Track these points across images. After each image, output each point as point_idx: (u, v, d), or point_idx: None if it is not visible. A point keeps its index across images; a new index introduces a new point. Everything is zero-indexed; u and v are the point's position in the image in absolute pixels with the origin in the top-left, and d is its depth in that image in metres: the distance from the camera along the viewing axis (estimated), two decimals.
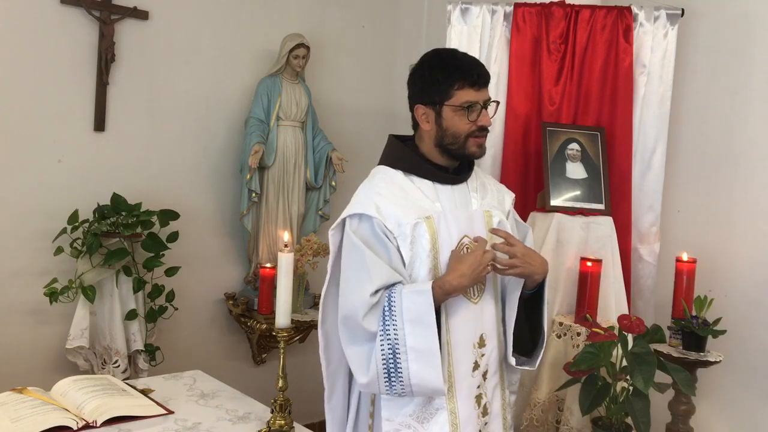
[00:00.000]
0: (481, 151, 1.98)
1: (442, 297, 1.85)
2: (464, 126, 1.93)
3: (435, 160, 2.00)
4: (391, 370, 1.82)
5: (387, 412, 1.92)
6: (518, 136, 3.20)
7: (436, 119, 1.95)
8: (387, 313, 1.82)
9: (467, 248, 1.95)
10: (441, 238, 1.92)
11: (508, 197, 2.14)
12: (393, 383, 1.83)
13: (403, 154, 2.01)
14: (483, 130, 1.95)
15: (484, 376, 1.98)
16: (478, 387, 1.97)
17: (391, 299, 1.83)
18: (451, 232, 1.93)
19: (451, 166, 2.02)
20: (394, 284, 1.86)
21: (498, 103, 2.07)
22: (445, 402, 1.91)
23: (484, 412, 1.98)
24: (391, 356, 1.81)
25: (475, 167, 2.11)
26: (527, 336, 2.05)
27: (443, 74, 1.93)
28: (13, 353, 3.07)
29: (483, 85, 1.94)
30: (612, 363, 2.45)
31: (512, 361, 2.01)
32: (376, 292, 1.84)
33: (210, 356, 3.57)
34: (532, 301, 2.02)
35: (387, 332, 1.82)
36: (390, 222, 1.88)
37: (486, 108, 1.95)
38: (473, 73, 1.92)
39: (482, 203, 2.02)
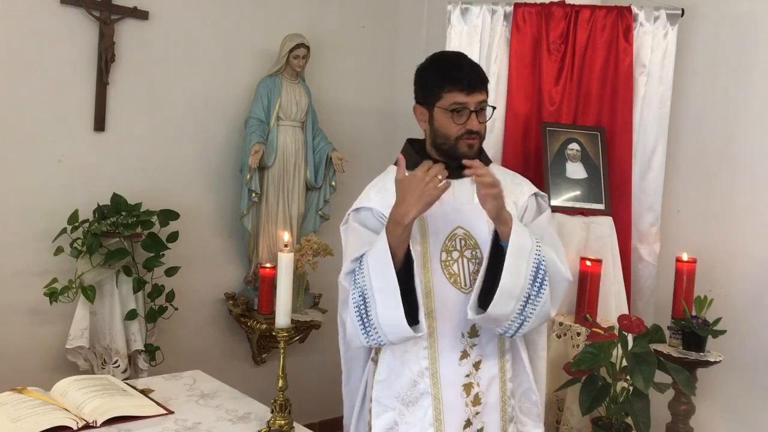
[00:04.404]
0: (472, 151, 1.99)
1: (396, 228, 1.82)
2: (453, 129, 1.96)
3: (436, 157, 2.03)
4: (364, 316, 1.86)
5: (376, 394, 2.00)
6: (518, 136, 3.20)
7: (429, 120, 2.01)
8: (358, 268, 1.88)
9: (460, 239, 1.99)
10: (430, 229, 1.98)
11: (528, 190, 2.12)
12: (368, 330, 1.87)
13: (406, 153, 2.06)
14: (472, 134, 1.96)
15: (477, 366, 1.99)
16: (467, 376, 1.98)
17: (363, 254, 1.89)
18: (441, 223, 1.97)
19: (453, 162, 2.03)
20: None
21: (494, 108, 2.08)
22: (429, 387, 1.95)
23: (476, 402, 1.99)
24: (362, 302, 1.86)
25: (493, 163, 2.13)
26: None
27: (435, 76, 1.99)
28: (13, 353, 3.08)
29: (474, 89, 1.95)
30: (612, 363, 2.45)
31: (470, 313, 1.90)
32: (359, 257, 1.91)
33: (210, 356, 3.57)
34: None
35: (357, 282, 1.87)
36: (388, 210, 1.92)
37: (479, 112, 1.96)
38: (463, 77, 1.94)
39: None
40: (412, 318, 1.83)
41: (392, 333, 1.85)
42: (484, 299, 1.90)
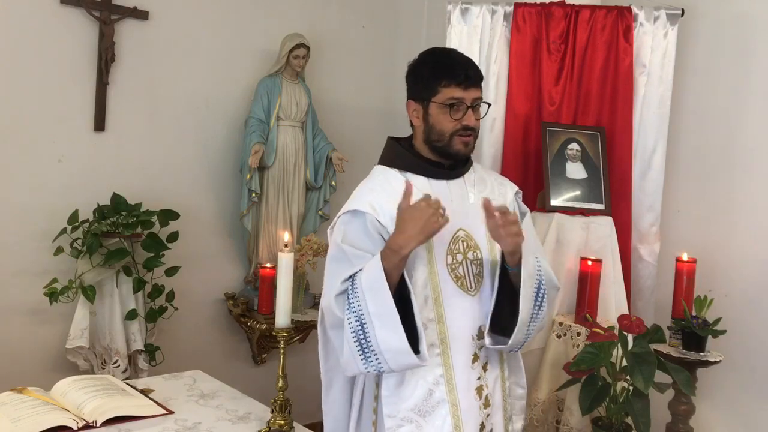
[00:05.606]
0: (467, 150, 1.98)
1: (393, 257, 1.79)
2: (448, 124, 1.93)
3: (428, 156, 2.01)
4: (363, 342, 1.81)
5: (388, 409, 1.92)
6: (518, 136, 3.20)
7: (423, 116, 1.98)
8: (351, 290, 1.83)
9: (462, 242, 1.97)
10: None
11: (510, 190, 2.12)
12: (368, 356, 1.81)
13: (397, 153, 2.04)
14: (468, 130, 1.94)
15: (485, 367, 1.99)
16: (479, 379, 1.97)
17: (354, 276, 1.84)
18: (444, 226, 1.93)
19: (446, 161, 2.02)
20: None
21: (489, 105, 2.06)
22: (445, 394, 1.92)
23: (486, 404, 1.99)
24: (360, 328, 1.80)
25: (475, 163, 2.11)
26: (508, 315, 1.96)
27: (431, 71, 1.96)
28: (13, 353, 3.07)
29: (471, 84, 1.93)
30: (612, 363, 2.45)
31: (487, 340, 1.94)
32: (349, 278, 1.85)
33: (210, 356, 3.57)
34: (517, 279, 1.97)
35: (351, 306, 1.82)
36: (384, 217, 1.90)
37: (474, 108, 1.94)
38: (460, 71, 1.93)
39: (480, 197, 2.01)
40: (413, 347, 1.80)
41: (394, 360, 1.80)
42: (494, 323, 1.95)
